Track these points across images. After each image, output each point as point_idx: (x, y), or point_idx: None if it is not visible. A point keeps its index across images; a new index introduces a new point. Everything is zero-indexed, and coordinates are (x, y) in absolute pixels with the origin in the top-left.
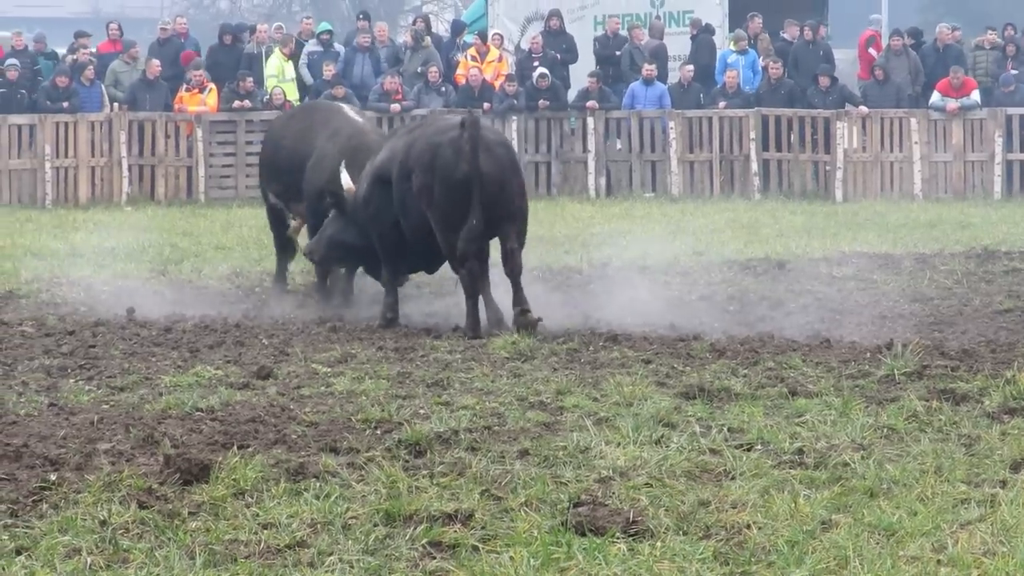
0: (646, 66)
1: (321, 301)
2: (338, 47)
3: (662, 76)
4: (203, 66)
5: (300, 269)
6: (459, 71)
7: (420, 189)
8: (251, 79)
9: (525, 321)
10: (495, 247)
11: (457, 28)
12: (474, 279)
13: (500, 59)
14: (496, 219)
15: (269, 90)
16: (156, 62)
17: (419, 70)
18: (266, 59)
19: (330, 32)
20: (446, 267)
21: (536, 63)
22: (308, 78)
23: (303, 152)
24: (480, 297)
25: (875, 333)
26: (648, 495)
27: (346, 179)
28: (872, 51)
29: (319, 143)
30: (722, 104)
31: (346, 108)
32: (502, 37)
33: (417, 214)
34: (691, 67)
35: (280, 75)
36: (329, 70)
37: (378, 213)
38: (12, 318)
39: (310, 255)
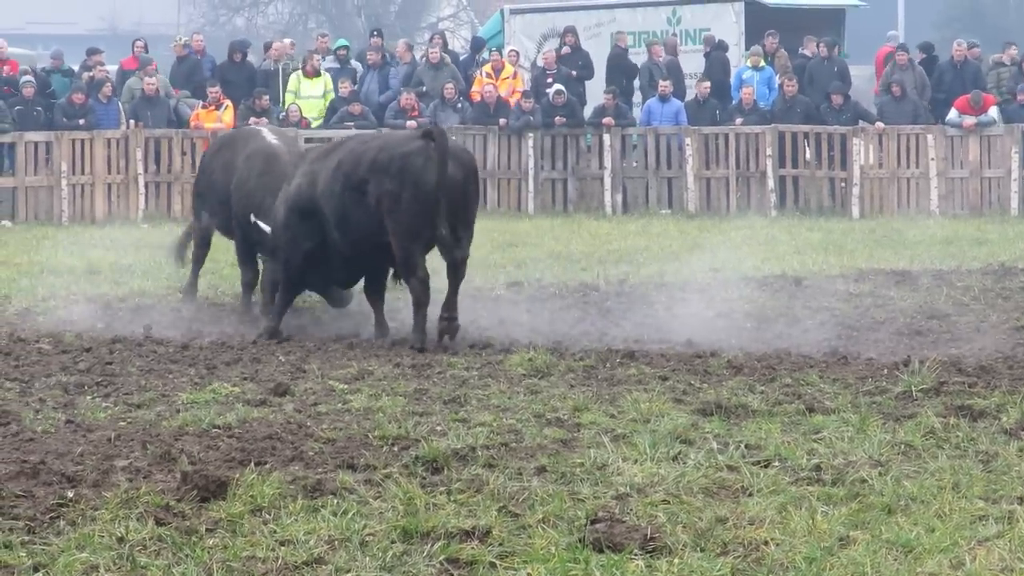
0: (661, 83)
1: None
2: (354, 64)
3: (678, 93)
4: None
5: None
6: (474, 88)
7: (382, 198)
8: (267, 96)
9: (450, 328)
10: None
11: (477, 45)
12: (425, 289)
13: (515, 76)
14: (454, 227)
15: (285, 107)
16: (151, 80)
17: (450, 87)
18: (282, 76)
19: (347, 48)
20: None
21: (551, 79)
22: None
23: (227, 180)
24: (378, 309)
25: (892, 350)
26: (666, 512)
27: (265, 227)
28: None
29: (239, 170)
30: (738, 121)
31: (264, 132)
32: (518, 54)
33: (362, 226)
34: (707, 83)
35: (297, 92)
36: (345, 87)
37: (295, 237)
38: (29, 335)
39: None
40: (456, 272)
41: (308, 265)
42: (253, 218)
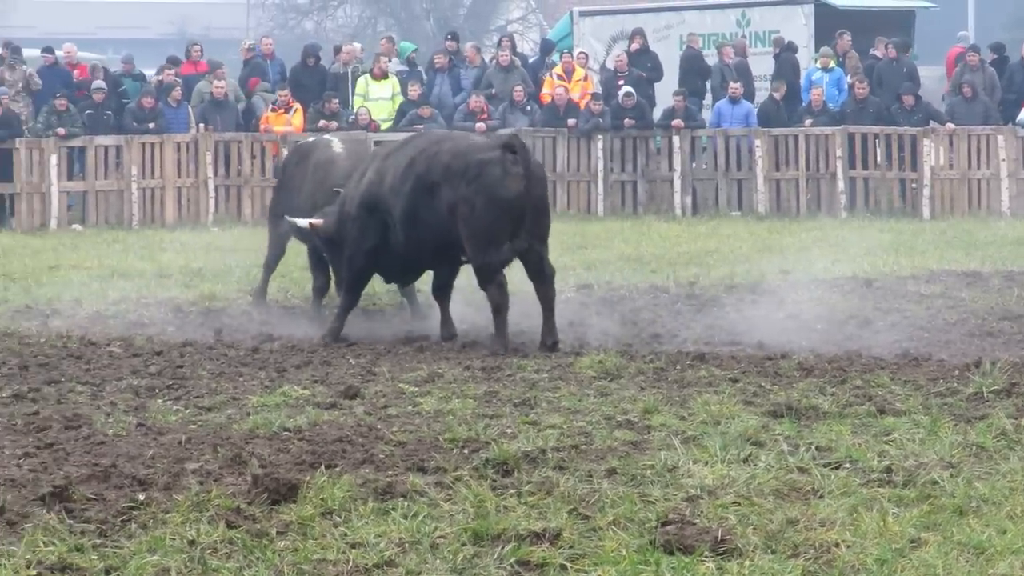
0: (732, 84)
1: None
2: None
3: (747, 95)
4: (280, 88)
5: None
6: (544, 90)
7: (457, 204)
8: (336, 100)
9: (554, 351)
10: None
11: (547, 47)
12: (503, 294)
13: (586, 78)
14: (534, 240)
15: (355, 110)
16: (220, 84)
17: (519, 90)
18: (352, 79)
19: (415, 52)
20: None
21: (621, 81)
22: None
23: (300, 189)
24: (444, 308)
25: (963, 351)
26: (736, 514)
27: (301, 222)
28: (958, 69)
29: (309, 179)
30: (808, 122)
31: (334, 142)
32: (587, 56)
33: (429, 227)
34: (784, 85)
35: (365, 95)
36: (414, 90)
37: (361, 233)
38: (100, 338)
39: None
40: (546, 291)
41: (372, 262)
42: (288, 217)
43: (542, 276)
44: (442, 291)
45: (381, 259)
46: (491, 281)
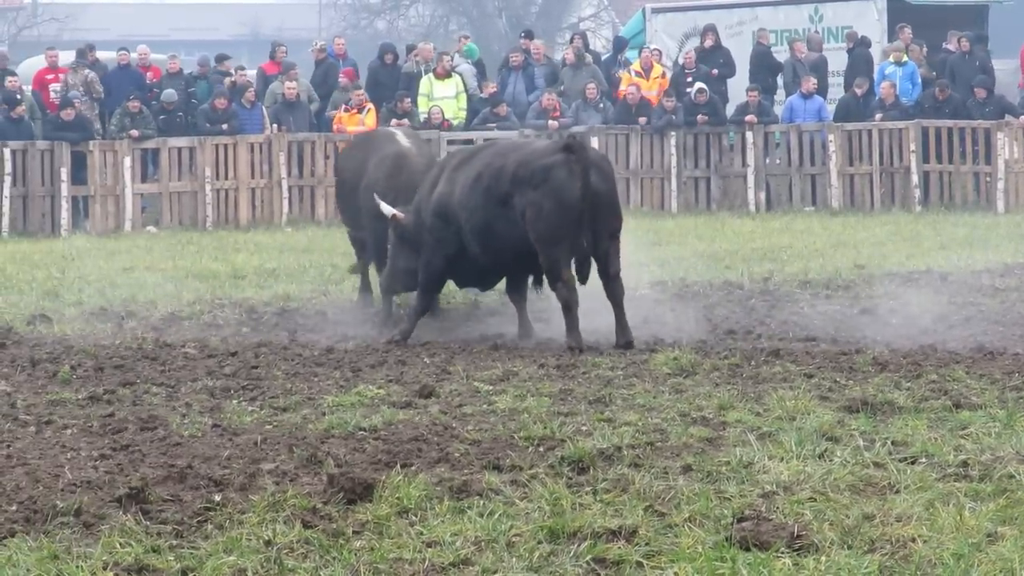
0: (805, 79)
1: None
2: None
3: (821, 90)
4: (360, 86)
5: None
6: (623, 87)
7: (526, 209)
8: (409, 99)
9: (629, 349)
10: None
11: (619, 44)
12: (572, 291)
13: (663, 75)
14: (600, 238)
15: (426, 110)
16: (291, 84)
17: (581, 87)
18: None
19: (476, 55)
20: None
21: (690, 78)
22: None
23: (357, 181)
24: (521, 310)
25: None
26: (812, 509)
27: (386, 208)
28: None
29: (369, 171)
30: (878, 116)
31: (398, 133)
32: (660, 53)
33: (505, 237)
34: (866, 81)
35: (429, 94)
36: (489, 88)
37: (439, 241)
38: (175, 340)
39: (388, 290)
40: (614, 290)
41: (447, 269)
42: (377, 198)
43: (608, 274)
44: (518, 293)
45: (456, 266)
46: (558, 279)
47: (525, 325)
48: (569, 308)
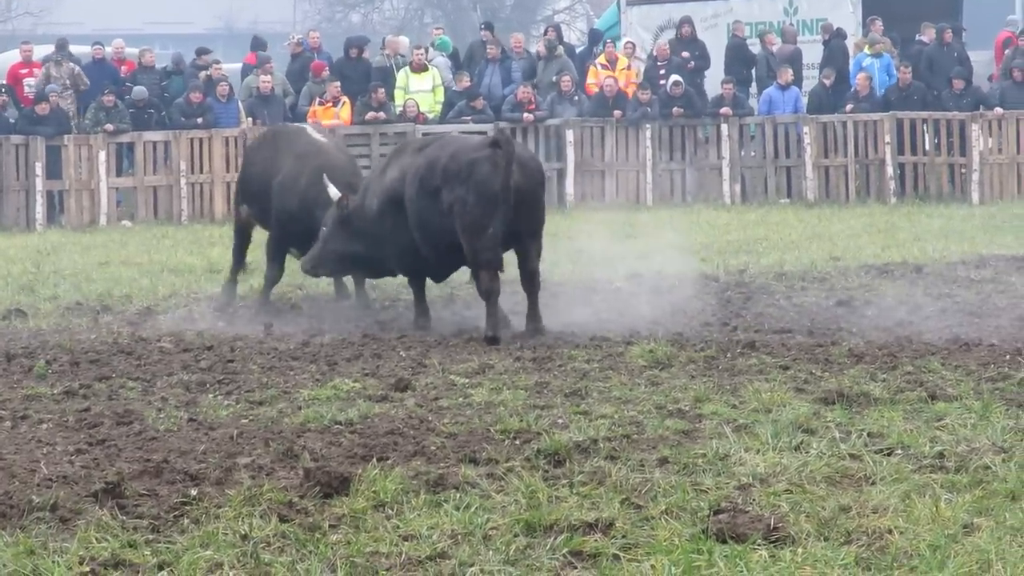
0: (783, 71)
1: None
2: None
3: (796, 82)
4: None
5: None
6: (590, 80)
7: (453, 203)
8: (383, 90)
9: (538, 333)
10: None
11: (595, 37)
12: (494, 279)
13: (629, 67)
14: (520, 235)
15: (401, 103)
16: (266, 78)
17: (553, 79)
18: (397, 71)
19: (450, 46)
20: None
21: (663, 70)
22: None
23: (271, 175)
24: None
25: (1014, 336)
26: (788, 501)
27: (333, 190)
28: (1008, 53)
29: (285, 165)
30: (849, 107)
31: (309, 130)
32: (634, 45)
33: (437, 226)
34: (833, 72)
35: (406, 87)
36: (463, 82)
37: (395, 229)
38: (151, 334)
39: (310, 270)
40: (532, 283)
41: (412, 255)
42: (327, 181)
43: (526, 269)
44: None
45: (411, 256)
46: (480, 268)
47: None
48: (490, 298)
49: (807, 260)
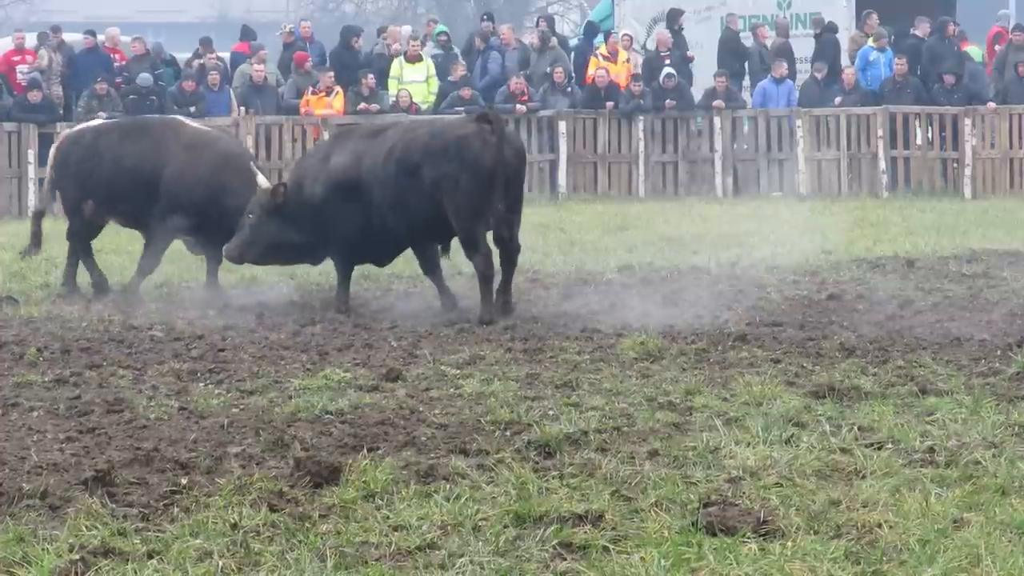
0: (777, 64)
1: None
2: (456, 49)
3: (790, 74)
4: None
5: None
6: (591, 71)
7: (440, 180)
8: (372, 76)
9: (507, 309)
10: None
11: (591, 31)
12: (490, 264)
13: (628, 60)
14: (508, 209)
15: (394, 93)
16: (259, 67)
17: (547, 71)
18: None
19: (447, 34)
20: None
21: (667, 60)
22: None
23: (153, 167)
24: (440, 283)
25: (1005, 330)
26: (779, 495)
27: (263, 179)
28: (999, 48)
29: (175, 156)
30: (836, 100)
31: (187, 120)
32: (631, 38)
33: (417, 208)
34: (824, 65)
35: (400, 77)
36: (458, 71)
37: (340, 214)
38: (142, 322)
39: (238, 257)
40: (511, 259)
41: (356, 240)
42: (254, 169)
43: (508, 246)
44: (433, 269)
45: (359, 240)
46: (477, 251)
47: (448, 296)
48: (486, 280)
49: (799, 254)
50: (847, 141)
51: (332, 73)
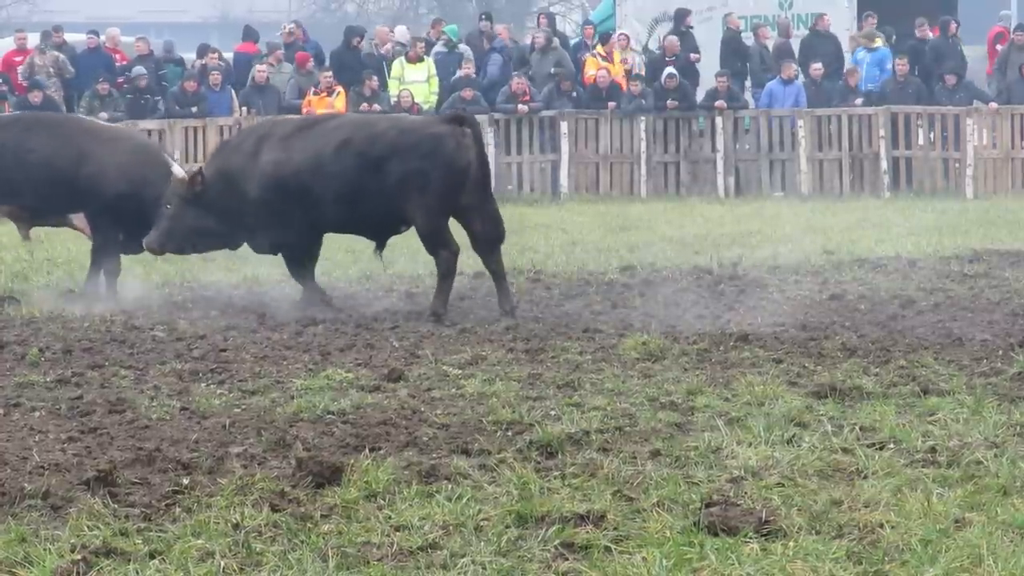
0: (786, 65)
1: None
2: (463, 48)
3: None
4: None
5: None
6: (588, 72)
7: (408, 177)
8: (375, 78)
9: (514, 316)
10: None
11: (604, 39)
12: (455, 260)
13: (624, 60)
14: (484, 202)
15: (396, 93)
16: (261, 67)
17: (552, 72)
18: (393, 62)
19: (454, 35)
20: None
21: (670, 63)
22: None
23: (67, 163)
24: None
25: (1007, 330)
26: (780, 495)
27: (179, 169)
28: (1000, 48)
29: (91, 150)
30: (858, 102)
31: (84, 117)
32: (628, 38)
33: (368, 202)
34: (820, 65)
35: (401, 78)
36: (467, 70)
37: (282, 209)
38: (144, 323)
39: (159, 247)
40: (496, 258)
41: (301, 234)
42: (172, 162)
43: (497, 234)
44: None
45: (290, 229)
46: (445, 247)
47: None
48: (448, 276)
49: (801, 253)
50: (849, 141)
51: (330, 72)
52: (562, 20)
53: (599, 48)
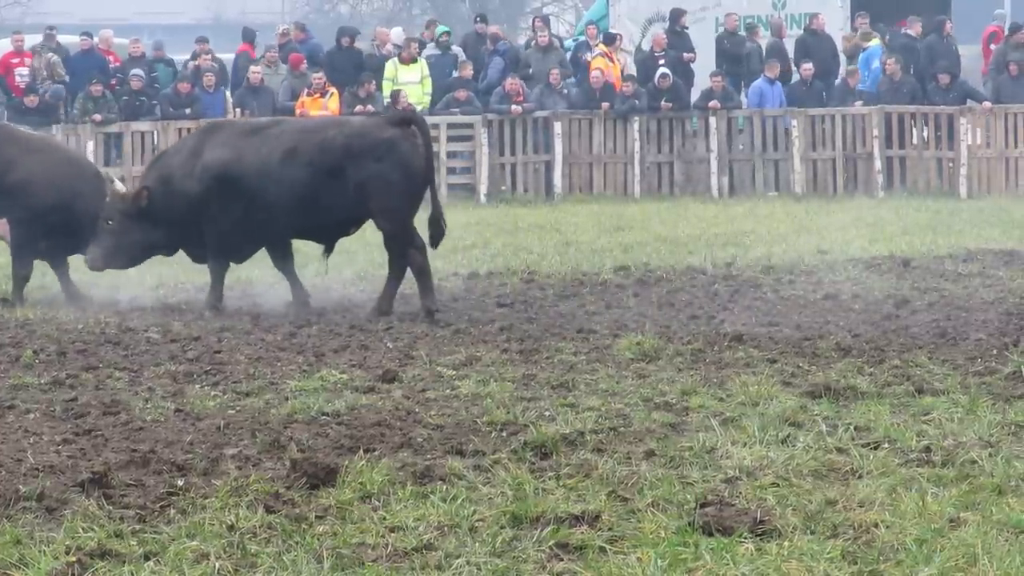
0: (770, 64)
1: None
2: (456, 49)
3: (782, 76)
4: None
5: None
6: (595, 72)
7: (368, 181)
8: (373, 82)
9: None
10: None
11: (609, 40)
12: (425, 255)
13: (613, 60)
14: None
15: (388, 94)
16: (256, 69)
17: (555, 72)
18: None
19: (448, 34)
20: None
21: (662, 61)
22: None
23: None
24: (293, 280)
25: (1001, 330)
26: (775, 495)
27: (120, 185)
28: (994, 47)
29: (22, 162)
30: (859, 103)
31: (11, 126)
32: (621, 37)
33: (321, 207)
34: (810, 65)
35: (394, 79)
36: (466, 71)
37: (222, 210)
38: (138, 324)
39: (103, 265)
40: (435, 246)
41: (233, 236)
42: (112, 178)
43: (438, 232)
44: (286, 263)
45: (242, 237)
46: (411, 244)
47: (300, 292)
48: (424, 272)
49: (795, 253)
50: (843, 141)
51: (322, 73)
52: (555, 20)
53: (602, 47)
